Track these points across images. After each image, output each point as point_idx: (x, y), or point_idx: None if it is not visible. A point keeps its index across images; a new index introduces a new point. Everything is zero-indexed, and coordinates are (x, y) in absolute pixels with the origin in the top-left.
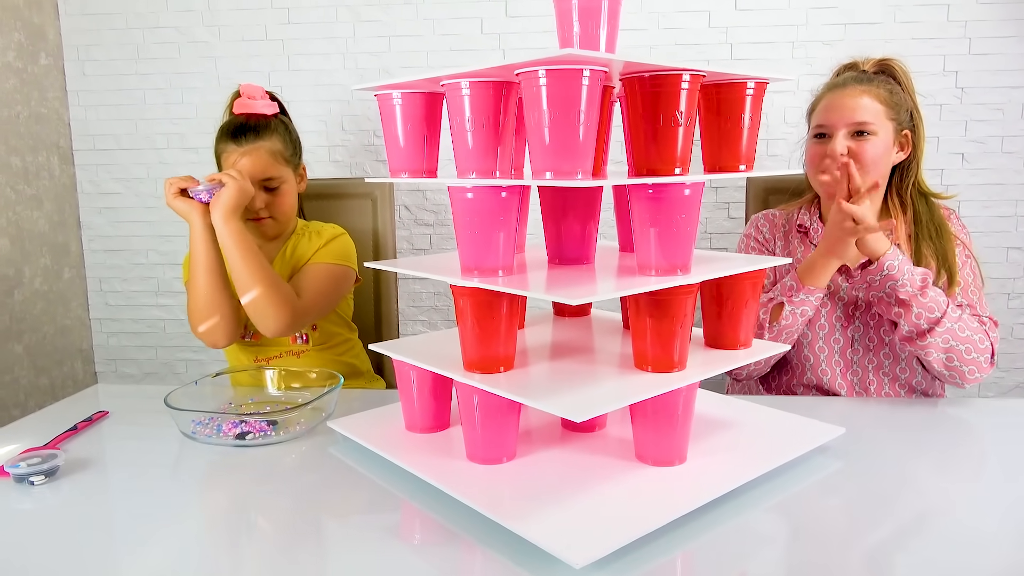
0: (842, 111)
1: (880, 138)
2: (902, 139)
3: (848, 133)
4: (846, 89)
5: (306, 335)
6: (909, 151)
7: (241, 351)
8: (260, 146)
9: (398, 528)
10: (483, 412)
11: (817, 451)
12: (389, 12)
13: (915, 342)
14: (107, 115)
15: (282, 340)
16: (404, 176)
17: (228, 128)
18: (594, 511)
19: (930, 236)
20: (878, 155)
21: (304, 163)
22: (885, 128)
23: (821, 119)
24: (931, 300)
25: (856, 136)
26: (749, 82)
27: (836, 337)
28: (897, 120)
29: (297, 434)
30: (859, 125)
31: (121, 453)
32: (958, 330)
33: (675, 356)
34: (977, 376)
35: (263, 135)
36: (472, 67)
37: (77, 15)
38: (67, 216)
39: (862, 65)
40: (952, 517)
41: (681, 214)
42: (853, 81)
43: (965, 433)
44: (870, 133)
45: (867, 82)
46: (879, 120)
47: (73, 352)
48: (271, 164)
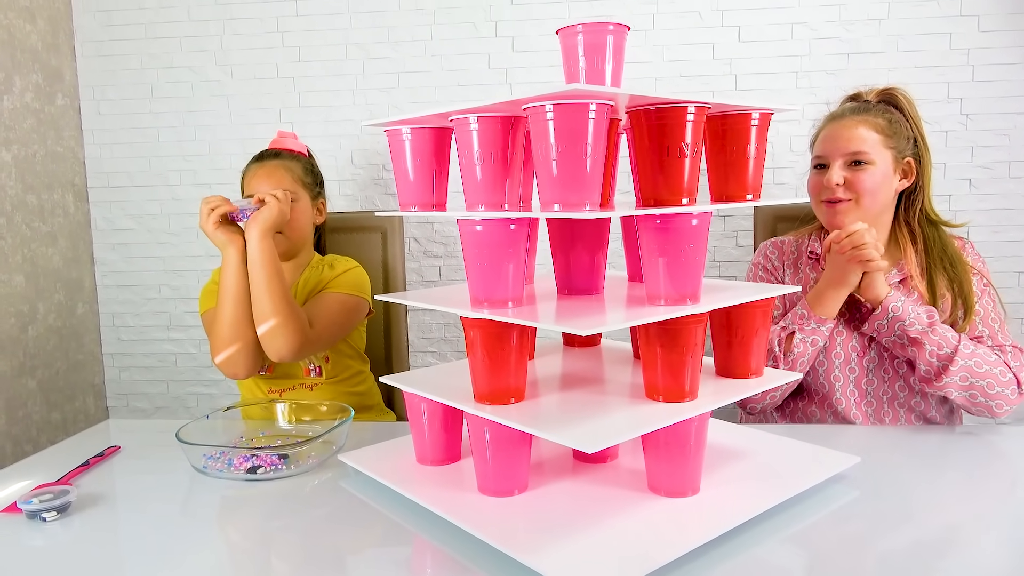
0: (838, 141)
1: (878, 167)
2: (904, 167)
3: (844, 163)
4: (843, 120)
5: (319, 367)
6: (913, 178)
7: (255, 383)
8: (279, 164)
9: (409, 562)
10: (494, 444)
11: (833, 480)
12: (398, 49)
13: (933, 383)
14: (121, 153)
15: (296, 372)
16: (414, 209)
17: (255, 155)
18: (607, 544)
19: (943, 266)
20: (876, 184)
21: (325, 199)
22: (883, 157)
23: (819, 150)
24: (940, 337)
25: (852, 166)
26: (754, 113)
27: (852, 367)
28: (896, 148)
29: (308, 467)
30: (854, 155)
31: (133, 488)
32: (975, 366)
33: (686, 386)
34: (1006, 409)
35: (283, 158)
36: (480, 102)
37: (93, 56)
38: (81, 252)
39: (865, 95)
40: (970, 547)
41: (689, 244)
42: (850, 112)
43: (983, 461)
44: (866, 163)
45: (864, 112)
46: (875, 149)
47: (85, 387)
48: (287, 179)
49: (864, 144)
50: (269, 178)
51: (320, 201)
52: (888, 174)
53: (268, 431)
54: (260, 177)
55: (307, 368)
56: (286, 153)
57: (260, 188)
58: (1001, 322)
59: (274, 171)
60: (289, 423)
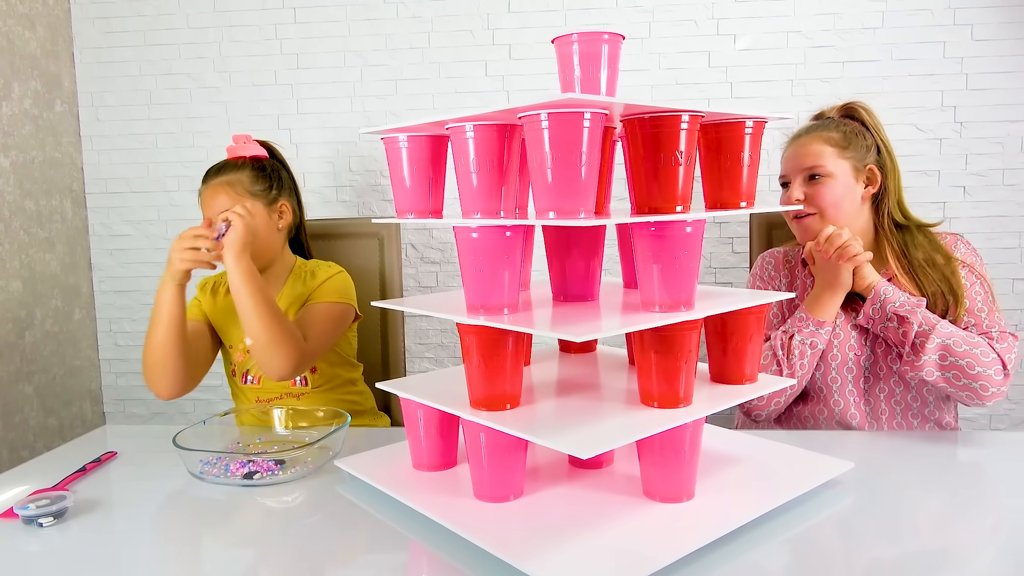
0: (794, 159)
1: (837, 179)
2: (868, 174)
3: (803, 179)
4: (799, 139)
5: (305, 378)
6: (879, 184)
7: (243, 394)
8: (221, 182)
9: (405, 568)
10: (490, 450)
11: (827, 486)
12: (396, 56)
13: (914, 364)
14: (119, 159)
15: (281, 383)
16: (410, 217)
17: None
18: (602, 549)
19: (924, 265)
20: (836, 196)
21: (290, 199)
22: (840, 167)
23: (782, 169)
24: (923, 316)
25: (811, 180)
26: (747, 121)
27: (849, 366)
28: (854, 157)
29: (304, 473)
30: (810, 169)
31: (130, 494)
32: (953, 345)
33: (681, 391)
34: (992, 391)
35: (227, 172)
36: (477, 109)
37: (92, 63)
38: (78, 258)
39: (828, 112)
40: (963, 555)
41: (683, 251)
42: (806, 131)
43: (977, 467)
44: (823, 175)
45: (820, 128)
46: (831, 161)
47: (82, 393)
48: (230, 196)
49: (819, 158)
50: (213, 199)
51: (281, 204)
52: (849, 184)
53: (264, 436)
54: (205, 199)
55: (292, 380)
56: (230, 164)
57: (211, 211)
58: (989, 309)
59: (216, 191)
60: (286, 428)
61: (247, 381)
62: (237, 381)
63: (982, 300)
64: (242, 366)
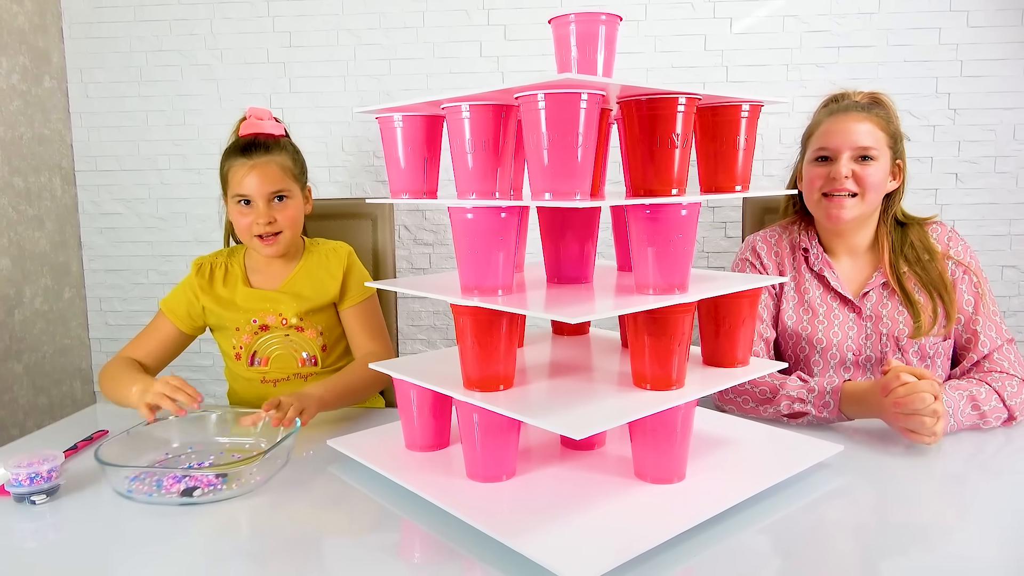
0: (847, 135)
1: (881, 165)
2: (894, 169)
3: (852, 157)
4: (849, 115)
5: (315, 357)
6: (900, 180)
7: (245, 375)
8: (271, 160)
9: (398, 547)
10: (483, 430)
11: (817, 468)
12: (390, 36)
13: None
14: (109, 136)
15: (290, 364)
16: (405, 197)
17: (237, 145)
18: (593, 528)
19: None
20: (880, 181)
21: (310, 185)
22: (885, 156)
23: (824, 142)
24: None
25: (860, 160)
26: (743, 104)
27: (848, 344)
28: (894, 149)
29: (253, 487)
30: (863, 150)
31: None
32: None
33: (673, 374)
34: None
35: (272, 151)
36: (471, 90)
37: (81, 39)
38: (68, 236)
39: (853, 96)
40: (952, 536)
41: (678, 234)
42: (855, 108)
43: (966, 451)
44: (872, 159)
45: (869, 110)
46: (881, 147)
47: (72, 372)
48: (280, 177)
49: (871, 139)
50: (265, 178)
51: (307, 189)
52: (887, 172)
53: (199, 444)
54: (254, 178)
55: (302, 359)
56: (271, 141)
57: (253, 189)
58: (986, 319)
59: (268, 170)
60: (225, 437)
61: (254, 363)
62: (242, 364)
63: (973, 309)
64: (249, 348)
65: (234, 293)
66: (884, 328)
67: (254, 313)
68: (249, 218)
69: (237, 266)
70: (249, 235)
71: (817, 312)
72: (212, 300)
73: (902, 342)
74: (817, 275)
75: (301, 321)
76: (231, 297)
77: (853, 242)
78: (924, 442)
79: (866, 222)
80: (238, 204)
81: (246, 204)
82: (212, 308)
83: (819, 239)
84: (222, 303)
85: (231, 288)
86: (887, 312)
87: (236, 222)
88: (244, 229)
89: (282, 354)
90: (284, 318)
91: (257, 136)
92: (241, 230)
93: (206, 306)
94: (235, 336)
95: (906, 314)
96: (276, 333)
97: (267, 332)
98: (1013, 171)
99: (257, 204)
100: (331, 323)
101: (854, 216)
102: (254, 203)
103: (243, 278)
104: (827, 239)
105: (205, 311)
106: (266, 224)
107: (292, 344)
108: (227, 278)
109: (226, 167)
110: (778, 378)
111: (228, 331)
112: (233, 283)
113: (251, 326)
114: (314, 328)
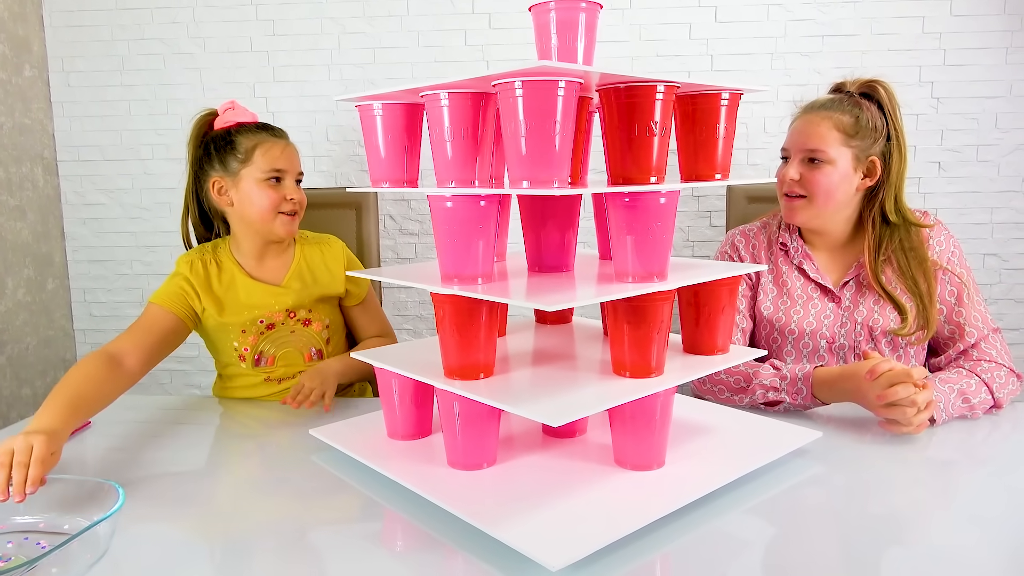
0: (799, 137)
1: (836, 167)
2: (868, 165)
3: (803, 159)
4: (809, 115)
5: (320, 351)
6: (877, 178)
7: (251, 373)
8: (292, 145)
9: (380, 536)
10: (463, 419)
11: (796, 454)
12: (374, 24)
13: None
14: (92, 126)
15: (297, 360)
16: (385, 185)
17: (255, 126)
18: (572, 515)
19: (895, 268)
20: (832, 184)
21: None
22: (843, 155)
23: (785, 141)
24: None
25: (810, 163)
26: (723, 93)
27: (823, 332)
28: (859, 147)
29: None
30: (811, 152)
31: (102, 464)
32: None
33: (652, 361)
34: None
35: (287, 135)
36: (456, 78)
37: (62, 27)
38: (51, 227)
39: (849, 85)
40: (928, 522)
41: (657, 222)
42: (820, 106)
43: (943, 435)
44: (823, 161)
45: (832, 108)
46: (834, 147)
47: (56, 363)
48: (300, 160)
49: (823, 142)
50: (295, 158)
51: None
52: (847, 173)
53: (5, 526)
54: (289, 155)
55: (308, 354)
56: (280, 129)
57: (288, 165)
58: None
59: (295, 151)
60: (35, 515)
61: (260, 363)
62: (247, 365)
63: (956, 300)
64: (255, 348)
65: (234, 289)
66: (859, 317)
67: (259, 310)
68: (280, 194)
69: (228, 259)
70: (273, 213)
71: (795, 301)
72: (212, 302)
73: (875, 332)
74: (797, 267)
75: (310, 313)
76: (232, 294)
77: (829, 237)
78: (904, 432)
79: (835, 219)
80: (267, 181)
81: (277, 181)
82: (213, 311)
83: (800, 232)
84: (223, 304)
85: (228, 284)
86: (864, 302)
87: (259, 199)
88: (270, 206)
89: (289, 351)
90: (292, 311)
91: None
92: (265, 207)
93: (207, 308)
94: (239, 337)
95: (883, 305)
96: (282, 330)
97: (273, 331)
98: (995, 160)
99: (288, 181)
100: (335, 316)
101: (806, 218)
102: (285, 180)
103: (240, 270)
104: (805, 232)
105: (204, 313)
106: (296, 202)
107: (299, 340)
108: (222, 274)
109: (250, 143)
110: (752, 367)
111: (230, 329)
112: (230, 278)
113: (257, 326)
114: (320, 321)
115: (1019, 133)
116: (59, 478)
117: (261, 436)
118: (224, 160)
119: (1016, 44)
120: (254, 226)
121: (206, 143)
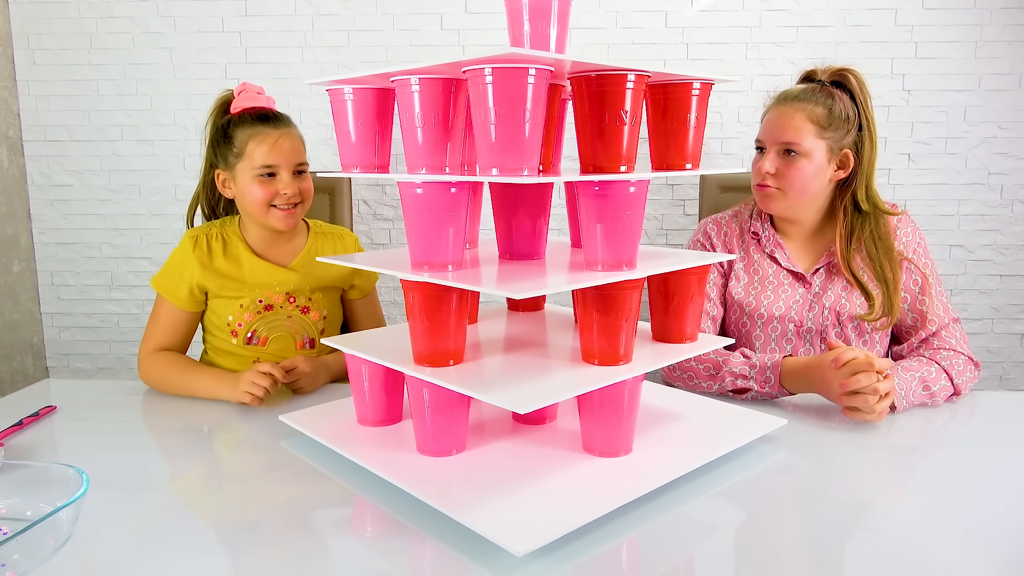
0: (773, 128)
1: (811, 160)
2: (841, 157)
3: (778, 151)
4: (782, 106)
5: (313, 340)
6: (849, 170)
7: (239, 350)
8: (291, 131)
9: (350, 522)
10: (433, 405)
11: (761, 441)
12: (349, 6)
13: None
14: (59, 105)
15: (288, 346)
16: (355, 171)
17: (252, 115)
18: (540, 501)
19: (865, 256)
20: (806, 177)
21: None
22: (817, 147)
23: (760, 133)
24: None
25: (786, 155)
26: (694, 83)
27: (792, 316)
28: (833, 139)
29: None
30: (787, 144)
31: (68, 449)
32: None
33: (621, 349)
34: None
35: (288, 123)
36: (430, 63)
37: (26, 3)
38: (16, 208)
39: (820, 74)
40: (890, 506)
41: (626, 211)
42: (793, 97)
43: (907, 422)
44: (798, 153)
45: (807, 99)
46: (809, 140)
47: (23, 347)
48: (301, 150)
49: (799, 135)
50: (292, 150)
51: None
52: (821, 166)
53: None
54: (283, 148)
55: (300, 341)
56: (282, 115)
57: (282, 159)
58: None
59: (292, 141)
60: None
61: (251, 341)
62: (238, 340)
63: (920, 289)
64: (249, 325)
65: (239, 265)
66: (828, 301)
67: (261, 290)
68: (272, 189)
69: (235, 236)
70: (265, 207)
71: (766, 287)
72: (213, 275)
73: (842, 316)
74: (769, 255)
75: (309, 301)
76: (236, 270)
77: (802, 226)
78: (866, 419)
79: (808, 208)
80: (260, 175)
81: (270, 176)
82: (215, 288)
83: (772, 221)
84: (225, 279)
85: (234, 260)
86: (833, 288)
87: (251, 194)
88: (263, 200)
89: (282, 335)
90: (292, 296)
91: (266, 109)
92: (257, 202)
93: (209, 287)
94: (236, 312)
95: (851, 291)
96: (280, 314)
97: (271, 312)
98: (963, 152)
99: (283, 175)
100: (334, 308)
101: (780, 208)
102: (280, 174)
103: (246, 248)
104: (777, 220)
105: (205, 286)
106: (291, 196)
107: (294, 326)
108: (227, 250)
109: (244, 136)
110: (722, 354)
111: (229, 303)
112: (235, 254)
113: (256, 305)
114: (319, 311)
115: (986, 127)
116: (22, 464)
117: (231, 421)
118: (224, 154)
119: (985, 38)
120: (253, 219)
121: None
